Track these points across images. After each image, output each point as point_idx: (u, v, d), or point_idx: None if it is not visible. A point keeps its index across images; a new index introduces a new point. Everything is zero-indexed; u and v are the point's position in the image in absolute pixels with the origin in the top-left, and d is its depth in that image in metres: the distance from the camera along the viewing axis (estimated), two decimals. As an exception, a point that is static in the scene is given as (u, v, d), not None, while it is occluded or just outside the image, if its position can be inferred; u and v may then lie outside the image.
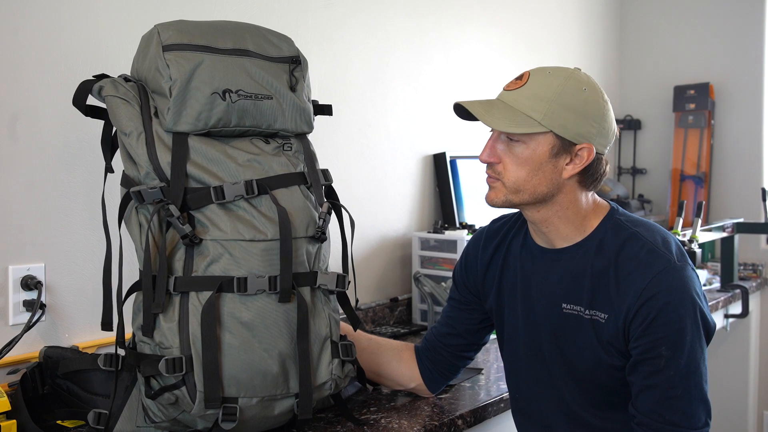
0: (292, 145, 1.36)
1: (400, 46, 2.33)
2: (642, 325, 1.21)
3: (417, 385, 1.54)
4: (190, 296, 1.20)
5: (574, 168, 1.25)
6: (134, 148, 1.24)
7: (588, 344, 1.28)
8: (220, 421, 1.18)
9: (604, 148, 1.28)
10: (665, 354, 1.20)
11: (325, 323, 1.30)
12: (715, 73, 3.33)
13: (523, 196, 1.27)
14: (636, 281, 1.22)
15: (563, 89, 1.23)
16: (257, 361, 1.21)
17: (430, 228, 2.36)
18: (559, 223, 1.30)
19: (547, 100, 1.22)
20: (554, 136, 1.23)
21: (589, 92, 1.25)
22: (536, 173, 1.25)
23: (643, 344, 1.21)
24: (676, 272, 1.21)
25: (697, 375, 1.21)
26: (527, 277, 1.37)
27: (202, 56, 1.27)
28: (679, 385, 1.19)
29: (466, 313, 1.51)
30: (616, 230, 1.28)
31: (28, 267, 1.45)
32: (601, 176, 1.30)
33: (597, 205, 1.33)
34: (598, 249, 1.28)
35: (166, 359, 1.16)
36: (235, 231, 1.22)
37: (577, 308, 1.29)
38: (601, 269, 1.27)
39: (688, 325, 1.20)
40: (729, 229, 2.85)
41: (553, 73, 1.26)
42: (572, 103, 1.23)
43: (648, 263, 1.22)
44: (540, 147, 1.24)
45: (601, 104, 1.26)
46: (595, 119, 1.25)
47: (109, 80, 1.30)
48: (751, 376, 3.06)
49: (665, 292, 1.20)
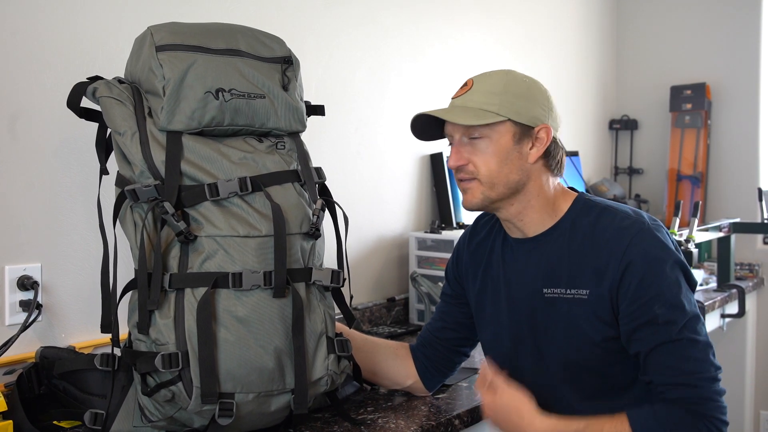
0: (285, 144, 1.37)
1: (396, 44, 2.33)
2: (630, 289, 1.25)
3: (413, 383, 1.54)
4: (186, 293, 1.20)
5: (537, 151, 1.32)
6: (128, 148, 1.24)
7: (573, 324, 1.31)
8: (216, 416, 1.18)
9: (555, 131, 1.35)
10: (659, 311, 1.23)
11: (320, 319, 1.30)
12: (712, 74, 3.34)
13: (499, 189, 1.32)
14: (614, 247, 1.27)
15: (507, 82, 1.32)
16: (253, 357, 1.21)
17: (427, 228, 2.36)
18: (532, 213, 1.35)
19: (497, 93, 1.30)
20: (512, 123, 1.30)
21: (531, 82, 1.35)
22: (505, 163, 1.30)
23: (635, 308, 1.25)
24: (650, 232, 1.27)
25: (695, 321, 1.25)
26: (509, 272, 1.41)
27: (195, 56, 1.27)
28: (683, 336, 1.23)
29: (458, 307, 1.54)
30: (587, 209, 1.35)
31: (24, 267, 1.45)
32: (562, 158, 1.37)
33: (564, 190, 1.40)
34: (572, 228, 1.34)
35: (162, 355, 1.17)
36: (229, 227, 1.22)
37: (557, 291, 1.33)
38: (577, 247, 1.32)
39: (672, 278, 1.25)
40: (725, 228, 2.85)
41: (493, 73, 1.36)
42: (520, 91, 1.31)
43: (622, 228, 1.28)
44: (502, 137, 1.30)
45: (544, 90, 1.35)
46: (544, 103, 1.33)
47: (102, 82, 1.31)
48: (747, 376, 3.07)
49: (646, 252, 1.25)
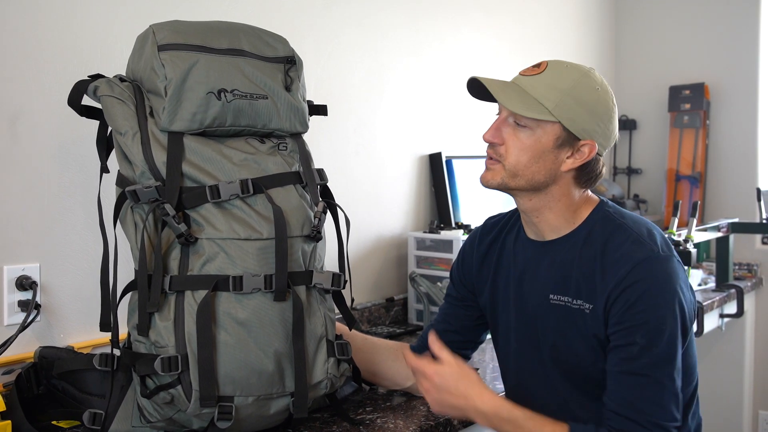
0: (287, 145, 1.36)
1: (395, 45, 2.33)
2: (620, 311, 1.22)
3: (413, 384, 1.53)
4: (186, 295, 1.20)
5: (574, 162, 1.27)
6: (129, 148, 1.24)
7: (575, 335, 1.29)
8: (215, 420, 1.18)
9: (603, 149, 1.30)
10: (639, 342, 1.20)
11: (320, 322, 1.30)
12: (710, 74, 3.34)
13: (519, 182, 1.28)
14: (619, 269, 1.23)
15: (578, 84, 1.25)
16: (253, 360, 1.20)
17: (426, 228, 2.36)
18: (550, 214, 1.32)
19: (560, 91, 1.24)
20: (561, 127, 1.25)
21: (602, 92, 1.28)
22: (537, 161, 1.26)
23: (619, 330, 1.22)
24: (659, 262, 1.23)
25: (671, 367, 1.20)
26: (519, 271, 1.39)
27: (197, 56, 1.27)
28: (651, 374, 1.19)
29: (463, 310, 1.53)
30: (604, 222, 1.30)
31: (23, 267, 1.45)
32: (596, 176, 1.32)
33: (587, 198, 1.35)
34: (585, 240, 1.30)
35: (161, 358, 1.16)
36: (230, 230, 1.22)
37: (564, 299, 1.30)
38: (588, 260, 1.28)
39: (667, 315, 1.20)
40: (724, 228, 2.86)
41: (570, 66, 1.28)
42: (584, 99, 1.25)
43: (631, 252, 1.24)
44: (545, 136, 1.26)
45: (611, 107, 1.29)
46: (603, 119, 1.27)
47: (104, 80, 1.30)
48: (746, 376, 3.07)
49: (645, 280, 1.21)
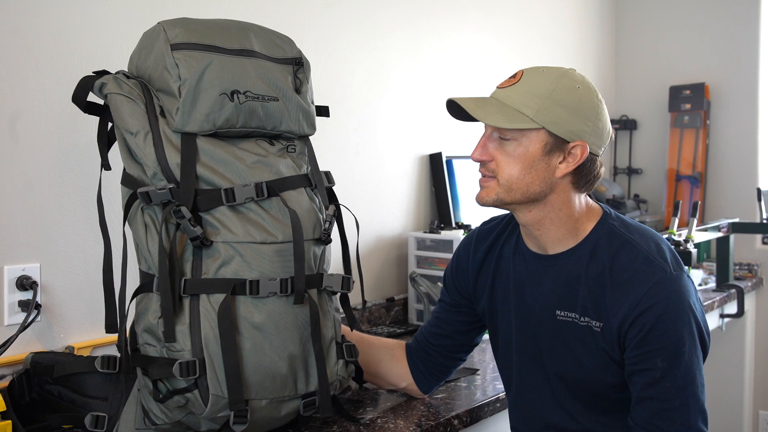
0: (296, 147, 1.35)
1: (395, 45, 2.33)
2: (638, 336, 1.19)
3: (408, 385, 1.53)
4: (201, 299, 1.18)
5: (567, 166, 1.24)
6: (141, 149, 1.21)
7: (583, 351, 1.27)
8: (231, 422, 1.17)
9: (598, 148, 1.26)
10: (661, 365, 1.18)
11: (330, 324, 1.30)
12: (711, 74, 3.34)
13: (515, 195, 1.25)
14: (632, 291, 1.20)
15: (556, 86, 1.22)
16: (268, 363, 1.20)
17: (426, 228, 2.36)
18: (551, 226, 1.28)
19: (539, 97, 1.21)
20: (546, 133, 1.21)
21: (584, 90, 1.24)
22: (529, 171, 1.23)
23: (638, 355, 1.20)
24: (672, 283, 1.20)
25: (694, 386, 1.19)
26: (520, 282, 1.35)
27: (210, 57, 1.25)
28: (676, 397, 1.18)
29: (455, 316, 1.50)
30: (610, 237, 1.27)
31: (23, 267, 1.44)
32: (594, 177, 1.28)
33: (590, 208, 1.30)
34: (591, 255, 1.26)
35: (180, 363, 1.15)
36: (246, 233, 1.21)
37: (571, 315, 1.28)
38: (595, 277, 1.25)
39: (685, 336, 1.18)
40: (724, 229, 2.86)
41: (546, 71, 1.25)
42: (565, 100, 1.21)
43: (644, 273, 1.21)
44: (532, 144, 1.22)
45: (596, 103, 1.25)
46: (589, 117, 1.23)
47: (111, 77, 1.27)
48: (746, 376, 3.07)
49: (662, 303, 1.18)
